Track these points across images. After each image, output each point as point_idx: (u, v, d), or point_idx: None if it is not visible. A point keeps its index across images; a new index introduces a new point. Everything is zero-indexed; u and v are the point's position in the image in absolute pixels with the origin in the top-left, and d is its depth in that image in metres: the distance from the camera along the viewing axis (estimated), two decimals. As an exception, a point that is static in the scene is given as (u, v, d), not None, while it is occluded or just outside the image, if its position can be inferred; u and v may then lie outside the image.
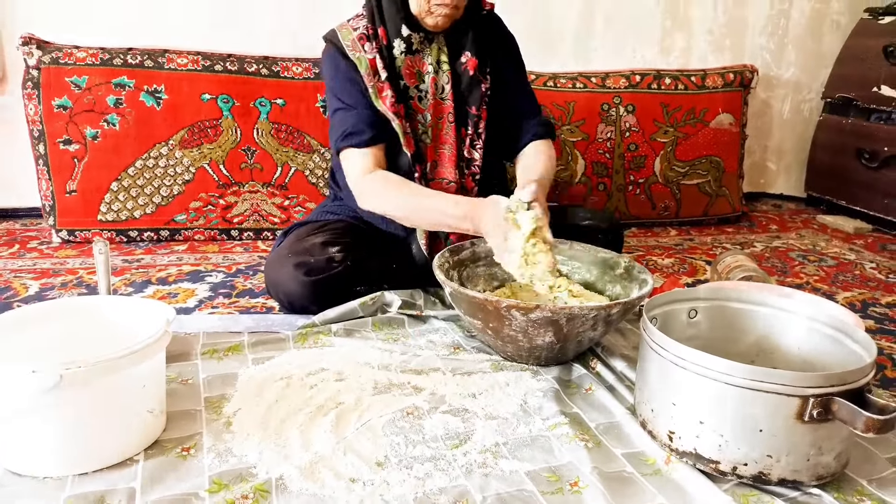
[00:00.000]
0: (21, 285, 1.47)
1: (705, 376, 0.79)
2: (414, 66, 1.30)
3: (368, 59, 1.26)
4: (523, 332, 1.01)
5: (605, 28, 2.33)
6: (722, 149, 2.26)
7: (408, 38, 1.27)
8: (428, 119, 1.32)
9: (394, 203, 1.26)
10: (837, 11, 2.53)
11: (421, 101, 1.32)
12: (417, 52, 1.29)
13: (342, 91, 1.29)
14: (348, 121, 1.27)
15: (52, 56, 1.76)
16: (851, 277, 1.74)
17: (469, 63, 1.32)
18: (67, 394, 0.74)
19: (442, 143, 1.34)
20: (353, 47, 1.28)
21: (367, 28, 1.28)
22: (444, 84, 1.32)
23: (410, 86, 1.30)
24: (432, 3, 1.21)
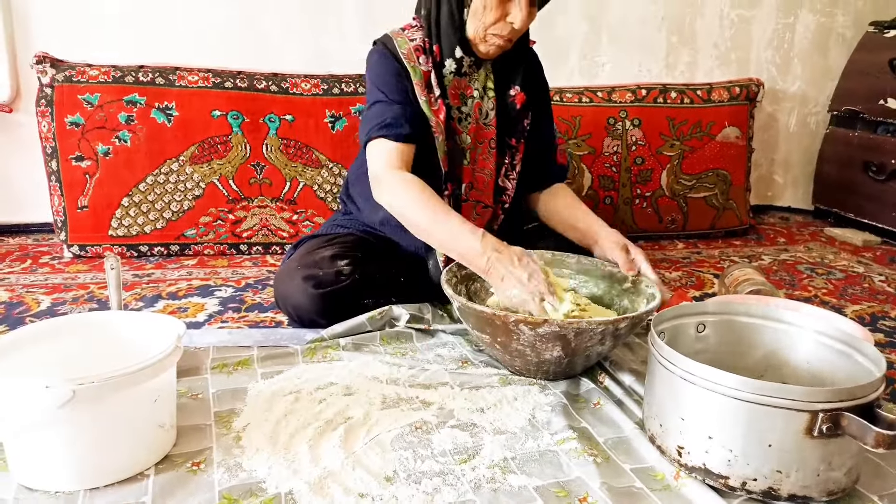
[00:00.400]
0: (33, 300, 1.48)
1: (714, 391, 0.79)
2: (459, 88, 1.31)
3: (423, 71, 1.27)
4: (531, 346, 1.02)
5: (611, 43, 2.35)
6: (728, 162, 2.27)
7: (460, 59, 1.27)
8: (467, 141, 1.33)
9: (413, 205, 1.19)
10: (843, 25, 2.54)
11: (460, 122, 1.32)
12: (465, 74, 1.30)
13: (387, 85, 1.27)
14: (387, 113, 1.25)
15: (66, 74, 1.79)
16: (860, 290, 1.73)
17: (518, 97, 1.34)
18: (80, 409, 0.75)
19: (481, 167, 1.35)
20: (408, 57, 1.27)
21: (423, 41, 1.28)
22: (488, 110, 1.33)
23: (452, 106, 1.31)
24: (488, 32, 1.22)
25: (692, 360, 0.81)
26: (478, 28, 1.22)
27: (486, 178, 1.35)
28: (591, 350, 1.04)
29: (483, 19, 1.21)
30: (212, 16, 2.03)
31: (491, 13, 1.20)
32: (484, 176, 1.35)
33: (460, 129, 1.32)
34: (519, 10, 1.18)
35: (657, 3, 2.36)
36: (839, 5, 2.52)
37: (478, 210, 1.38)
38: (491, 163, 1.35)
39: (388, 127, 1.24)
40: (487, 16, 1.20)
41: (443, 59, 1.28)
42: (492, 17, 1.20)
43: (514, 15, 1.19)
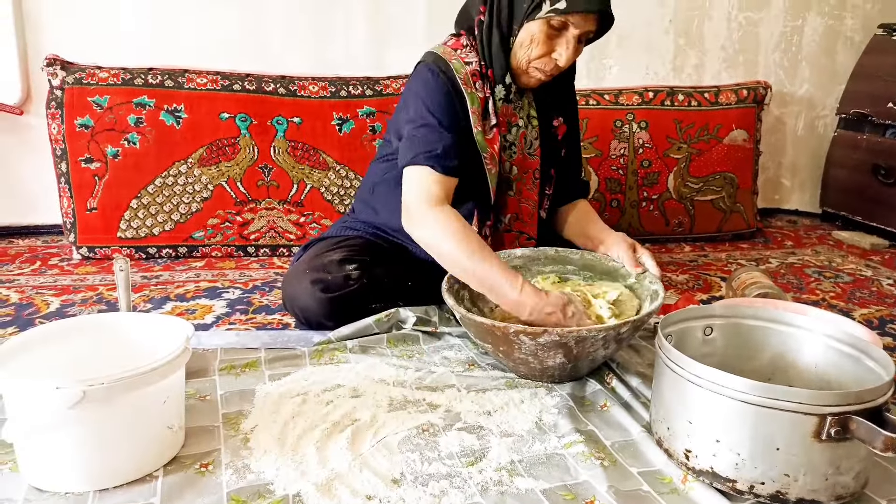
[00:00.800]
0: (42, 302, 1.49)
1: (721, 394, 0.78)
2: (506, 116, 1.28)
3: (480, 98, 1.22)
4: (533, 354, 1.02)
5: (618, 46, 2.34)
6: (736, 165, 2.26)
7: (508, 86, 1.24)
8: (514, 171, 1.30)
9: (453, 246, 1.12)
10: (851, 28, 2.53)
11: (505, 150, 1.29)
12: (511, 102, 1.28)
13: (440, 109, 1.20)
14: (439, 141, 1.18)
15: (76, 77, 1.81)
16: (868, 294, 1.72)
17: (560, 128, 1.34)
18: (90, 410, 0.76)
19: (526, 197, 1.33)
20: (465, 82, 1.21)
21: (479, 65, 1.23)
22: (532, 139, 1.31)
23: (503, 133, 1.28)
24: (531, 65, 1.20)
25: (699, 363, 0.81)
26: (521, 60, 1.20)
27: (531, 209, 1.33)
28: (595, 354, 1.04)
29: (528, 52, 1.19)
30: (220, 20, 2.04)
31: (537, 48, 1.17)
32: (528, 207, 1.33)
33: (505, 158, 1.29)
34: (566, 48, 1.16)
35: (665, 6, 2.36)
36: (847, 8, 2.51)
37: (521, 241, 1.35)
38: (535, 193, 1.33)
39: (437, 158, 1.17)
40: (534, 50, 1.18)
41: (495, 85, 1.24)
42: (537, 52, 1.18)
43: (560, 53, 1.17)
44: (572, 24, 1.14)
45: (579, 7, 1.12)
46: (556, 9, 1.12)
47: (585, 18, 1.14)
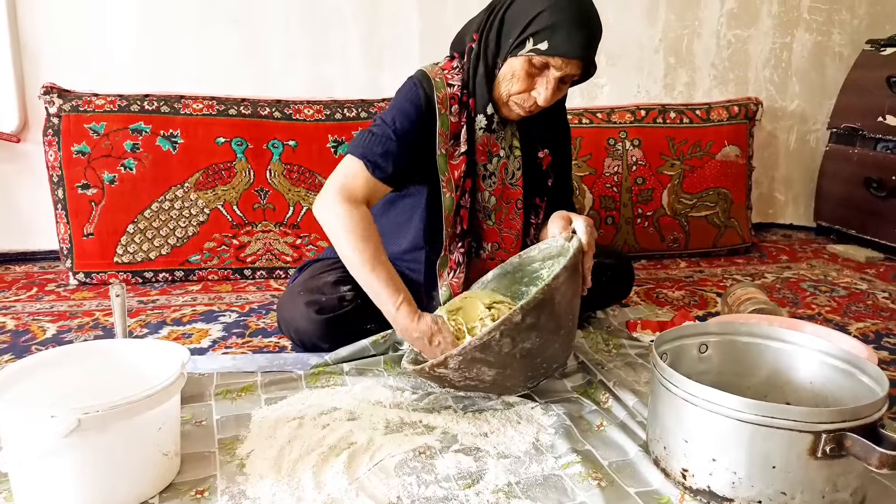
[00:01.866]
0: (39, 328, 1.49)
1: (717, 413, 0.79)
2: (487, 145, 1.26)
3: (451, 122, 1.22)
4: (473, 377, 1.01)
5: (610, 65, 2.37)
6: (729, 180, 2.28)
7: (490, 116, 1.23)
8: (493, 202, 1.29)
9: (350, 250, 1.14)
10: (839, 44, 2.57)
11: (485, 180, 1.28)
12: (494, 132, 1.26)
13: (401, 115, 1.21)
14: (384, 145, 1.19)
15: (73, 104, 1.82)
16: (864, 308, 1.73)
17: (545, 159, 1.32)
18: (85, 438, 0.75)
19: (508, 227, 1.32)
20: (441, 101, 1.22)
21: (459, 89, 1.23)
22: (514, 170, 1.30)
23: (479, 163, 1.27)
24: (511, 100, 1.20)
25: (694, 382, 0.81)
26: (503, 92, 1.20)
27: (514, 238, 1.32)
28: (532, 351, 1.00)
29: (509, 87, 1.18)
30: (216, 46, 2.06)
31: (517, 84, 1.17)
32: (511, 236, 1.32)
33: (483, 187, 1.28)
34: (545, 87, 1.15)
35: (655, 26, 2.39)
36: (835, 24, 2.54)
37: (486, 265, 1.32)
38: (518, 223, 1.32)
39: (374, 157, 1.19)
40: (514, 85, 1.18)
41: (475, 114, 1.24)
42: (517, 88, 1.18)
43: (539, 91, 1.16)
44: (553, 65, 1.13)
45: (560, 51, 1.11)
46: (537, 49, 1.12)
47: (567, 62, 1.13)
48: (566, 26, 1.10)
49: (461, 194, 1.24)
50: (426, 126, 1.21)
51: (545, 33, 1.11)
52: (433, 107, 1.21)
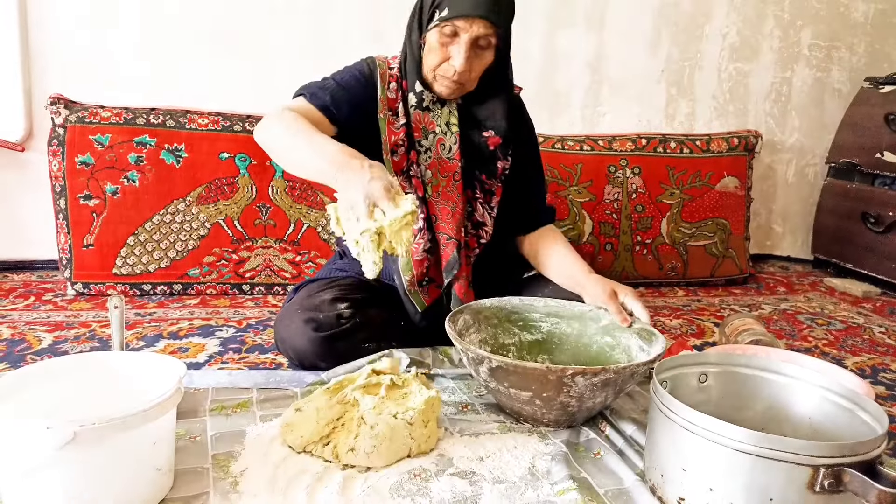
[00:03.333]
0: (35, 338, 1.48)
1: (715, 442, 0.78)
2: (422, 122, 1.33)
3: (389, 98, 1.31)
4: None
5: (612, 94, 2.40)
6: (728, 211, 2.29)
7: (420, 93, 1.30)
8: (428, 175, 1.34)
9: (278, 128, 1.16)
10: (838, 80, 2.60)
11: (420, 155, 1.34)
12: (428, 109, 1.32)
13: (340, 76, 1.32)
14: (324, 83, 1.29)
15: (78, 115, 1.83)
16: (861, 342, 1.73)
17: (491, 140, 1.35)
18: (80, 451, 0.75)
19: (445, 199, 1.35)
20: (382, 78, 1.32)
21: (399, 72, 1.33)
22: (451, 145, 1.34)
23: (415, 139, 1.33)
24: (437, 73, 1.25)
25: (694, 411, 0.81)
26: (427, 70, 1.26)
27: (450, 209, 1.34)
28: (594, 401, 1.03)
29: (429, 61, 1.25)
30: (222, 63, 2.08)
31: (435, 55, 1.23)
32: (447, 208, 1.35)
33: (419, 162, 1.34)
34: (458, 52, 1.20)
35: (657, 57, 2.42)
36: (835, 61, 2.59)
37: (443, 241, 1.35)
38: (456, 195, 1.35)
39: (310, 89, 1.27)
40: (432, 58, 1.24)
41: (408, 92, 1.31)
42: (435, 60, 1.23)
43: (455, 59, 1.21)
44: (460, 28, 1.18)
45: (458, 10, 1.17)
46: (441, 17, 1.18)
47: (470, 22, 1.17)
48: None
49: (408, 165, 1.31)
50: (367, 91, 1.30)
51: (446, 1, 1.18)
52: (374, 78, 1.31)
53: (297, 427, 0.98)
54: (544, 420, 1.08)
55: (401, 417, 0.98)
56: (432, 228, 1.35)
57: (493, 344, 1.26)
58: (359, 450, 0.93)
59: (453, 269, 1.34)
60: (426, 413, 1.01)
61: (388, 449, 0.94)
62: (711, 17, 2.45)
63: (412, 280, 1.34)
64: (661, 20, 2.40)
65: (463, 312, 1.22)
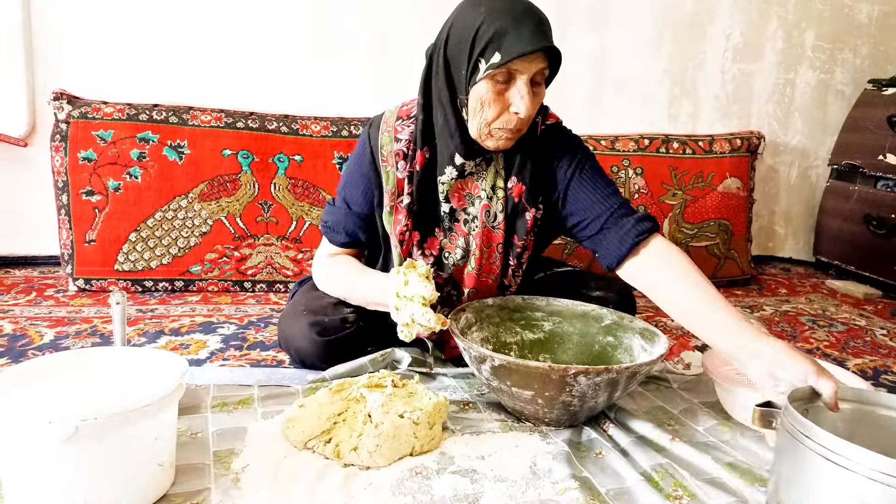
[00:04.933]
0: (36, 333, 1.48)
1: (864, 476, 0.69)
2: (465, 188, 1.20)
3: (397, 178, 1.21)
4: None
5: (615, 94, 2.40)
6: (730, 212, 2.29)
7: (461, 167, 1.17)
8: (473, 246, 1.23)
9: (335, 286, 1.31)
10: (841, 82, 2.60)
11: (466, 224, 1.22)
12: (472, 174, 1.20)
13: (349, 182, 1.30)
14: (336, 216, 1.30)
15: (81, 111, 1.83)
16: (862, 344, 1.73)
17: (514, 189, 1.20)
18: (81, 445, 0.75)
19: (487, 272, 1.25)
20: (386, 160, 1.22)
21: (407, 142, 1.19)
22: (496, 211, 1.21)
23: (458, 208, 1.21)
24: (493, 128, 1.10)
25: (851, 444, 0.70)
26: (480, 126, 1.11)
27: (491, 283, 1.27)
28: (597, 400, 1.03)
29: (484, 116, 1.09)
30: (226, 59, 2.08)
31: (491, 109, 1.08)
32: (489, 281, 1.26)
33: (465, 233, 1.23)
34: (520, 98, 1.06)
35: (660, 57, 2.42)
36: (838, 63, 2.58)
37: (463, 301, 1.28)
38: (497, 267, 1.25)
39: (328, 229, 1.32)
40: (488, 112, 1.08)
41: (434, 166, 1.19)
42: (493, 113, 1.08)
43: (517, 105, 1.06)
44: (517, 71, 1.05)
45: (517, 52, 1.02)
46: (493, 63, 1.04)
47: (529, 61, 1.04)
48: (510, 27, 1.03)
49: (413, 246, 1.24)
50: (374, 187, 1.26)
51: (494, 45, 1.03)
52: (377, 166, 1.25)
53: (299, 422, 0.99)
54: (546, 419, 1.08)
55: (408, 417, 0.98)
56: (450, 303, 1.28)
57: (495, 342, 1.26)
58: (362, 449, 0.93)
59: None
60: (433, 416, 1.01)
61: (391, 448, 0.94)
62: (714, 17, 2.44)
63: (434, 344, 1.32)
64: (664, 20, 2.40)
65: (465, 310, 1.22)
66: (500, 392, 1.08)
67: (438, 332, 1.17)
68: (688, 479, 0.93)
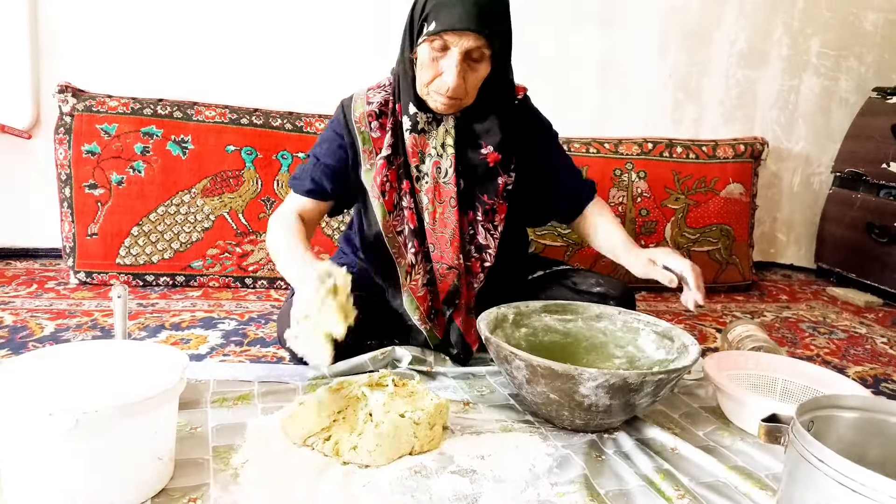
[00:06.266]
0: (37, 325, 1.48)
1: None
2: (418, 146, 1.28)
3: (373, 138, 1.29)
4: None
5: (620, 97, 2.40)
6: (732, 218, 2.29)
7: (413, 115, 1.25)
8: (425, 201, 1.30)
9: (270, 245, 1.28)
10: (846, 90, 2.60)
11: (418, 181, 1.29)
12: (424, 131, 1.27)
13: (321, 141, 1.35)
14: (304, 168, 1.33)
15: (86, 104, 1.83)
16: (862, 351, 1.73)
17: (490, 157, 1.28)
18: (81, 438, 0.75)
19: (443, 226, 1.30)
20: (359, 121, 1.29)
21: (381, 104, 1.29)
22: (447, 168, 1.28)
23: (412, 164, 1.29)
24: (430, 89, 1.20)
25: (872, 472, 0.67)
26: (420, 86, 1.21)
27: (447, 237, 1.30)
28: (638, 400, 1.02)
29: (422, 77, 1.19)
30: (232, 56, 2.08)
31: (426, 71, 1.18)
32: (445, 236, 1.30)
33: (418, 189, 1.29)
34: (450, 69, 1.14)
35: (664, 61, 2.42)
36: (843, 70, 2.58)
37: (441, 272, 1.31)
38: (453, 221, 1.29)
39: (294, 180, 1.33)
40: (424, 74, 1.18)
41: (401, 116, 1.27)
42: (427, 76, 1.18)
43: (447, 74, 1.15)
44: (450, 42, 1.13)
45: (446, 24, 1.11)
46: (429, 31, 1.13)
47: (459, 35, 1.12)
48: (451, 1, 1.12)
49: (397, 198, 1.29)
50: (346, 147, 1.31)
51: (434, 13, 1.13)
52: (351, 128, 1.30)
53: (298, 419, 0.98)
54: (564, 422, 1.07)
55: (409, 416, 0.97)
56: (429, 259, 1.32)
57: (534, 341, 1.26)
58: (361, 448, 0.93)
59: (455, 299, 1.32)
60: (434, 416, 1.00)
61: (391, 447, 0.94)
62: (720, 23, 2.44)
63: (421, 317, 1.31)
64: (670, 25, 2.40)
65: (500, 308, 1.23)
66: (527, 391, 1.07)
67: None
68: (689, 483, 0.93)
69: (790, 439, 0.77)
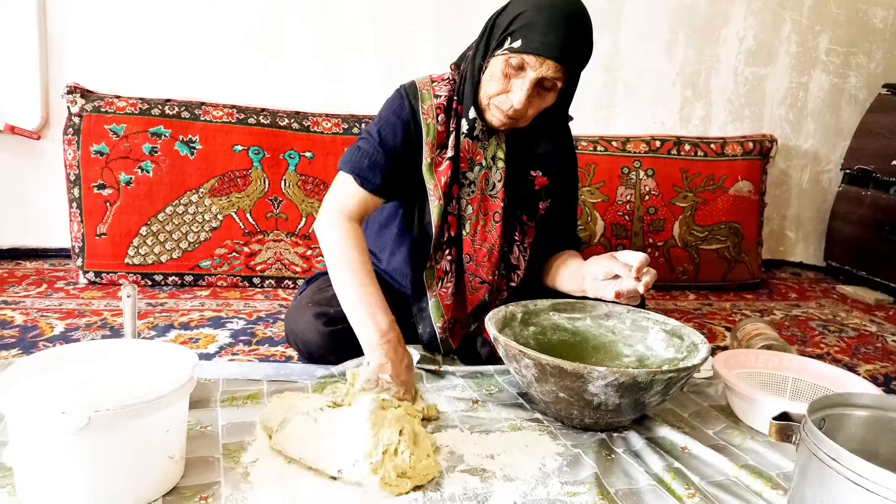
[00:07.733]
0: (47, 325, 1.49)
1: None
2: (469, 152, 1.24)
3: (438, 131, 1.23)
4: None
5: (627, 95, 2.39)
6: (741, 215, 2.28)
7: (472, 121, 1.21)
8: (469, 211, 1.26)
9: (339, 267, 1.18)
10: (855, 87, 2.58)
11: (462, 188, 1.26)
12: (477, 139, 1.24)
13: (386, 127, 1.23)
14: (372, 158, 1.21)
15: (94, 104, 1.84)
16: (873, 350, 1.71)
17: (538, 180, 1.28)
18: (93, 436, 0.75)
19: (482, 239, 1.28)
20: (427, 112, 1.23)
21: (446, 98, 1.24)
22: (495, 181, 1.26)
23: (462, 170, 1.25)
24: (491, 102, 1.17)
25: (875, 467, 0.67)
26: (483, 95, 1.18)
27: (486, 251, 1.28)
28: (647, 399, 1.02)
29: (488, 88, 1.16)
30: (238, 56, 2.09)
31: (495, 84, 1.15)
32: (483, 249, 1.28)
33: (462, 196, 1.26)
34: (520, 88, 1.12)
35: (672, 59, 2.41)
36: (852, 67, 2.57)
37: (473, 284, 1.30)
38: (494, 237, 1.27)
39: (362, 171, 1.21)
40: (492, 85, 1.15)
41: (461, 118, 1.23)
42: (494, 89, 1.15)
43: (514, 94, 1.13)
44: (528, 65, 1.10)
45: (532, 48, 1.08)
46: (511, 47, 1.10)
47: (541, 62, 1.09)
48: (543, 25, 1.08)
49: (447, 201, 1.24)
50: (412, 137, 1.23)
51: (521, 31, 1.09)
52: (418, 118, 1.23)
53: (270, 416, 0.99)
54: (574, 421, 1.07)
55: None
56: (461, 269, 1.29)
57: (542, 340, 1.26)
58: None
59: (482, 314, 1.27)
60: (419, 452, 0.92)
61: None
62: (728, 20, 2.43)
63: (444, 325, 1.29)
64: (678, 22, 2.39)
65: (507, 306, 1.22)
66: (535, 388, 1.06)
67: None
68: (700, 482, 0.93)
69: (801, 437, 0.77)
